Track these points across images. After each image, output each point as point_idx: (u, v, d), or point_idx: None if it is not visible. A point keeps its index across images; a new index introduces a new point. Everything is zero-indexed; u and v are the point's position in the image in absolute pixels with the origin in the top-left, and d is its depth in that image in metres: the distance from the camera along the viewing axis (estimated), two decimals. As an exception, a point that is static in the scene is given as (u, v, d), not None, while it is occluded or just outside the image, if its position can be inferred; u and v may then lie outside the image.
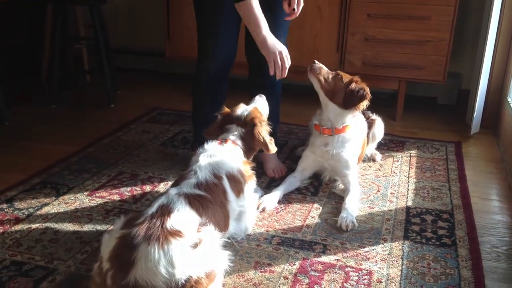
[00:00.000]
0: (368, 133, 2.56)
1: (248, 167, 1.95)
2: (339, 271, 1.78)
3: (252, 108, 2.06)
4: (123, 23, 4.29)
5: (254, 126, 1.97)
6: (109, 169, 2.52)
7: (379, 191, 2.38)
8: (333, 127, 2.28)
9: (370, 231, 2.04)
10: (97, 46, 3.47)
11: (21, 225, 2.01)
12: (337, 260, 1.84)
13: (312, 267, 1.79)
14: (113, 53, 3.85)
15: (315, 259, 1.84)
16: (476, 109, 3.06)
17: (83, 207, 2.17)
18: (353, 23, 3.23)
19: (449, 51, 3.13)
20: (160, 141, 2.92)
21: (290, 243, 1.94)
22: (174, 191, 1.65)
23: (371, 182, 2.48)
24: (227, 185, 1.80)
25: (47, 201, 2.20)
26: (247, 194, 1.92)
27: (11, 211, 2.11)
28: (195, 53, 2.40)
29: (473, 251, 1.91)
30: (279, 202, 2.24)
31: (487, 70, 3.04)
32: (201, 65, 2.40)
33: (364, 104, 2.23)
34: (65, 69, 3.91)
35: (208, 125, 2.09)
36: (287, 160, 2.71)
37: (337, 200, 2.28)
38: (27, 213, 2.09)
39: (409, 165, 2.67)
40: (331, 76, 2.28)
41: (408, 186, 2.44)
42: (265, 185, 2.41)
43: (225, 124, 2.02)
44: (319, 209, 2.21)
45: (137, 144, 2.86)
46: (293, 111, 3.33)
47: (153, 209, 1.53)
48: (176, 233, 1.44)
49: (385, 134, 2.77)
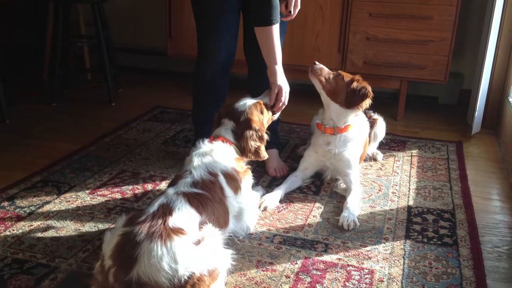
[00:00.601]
0: (369, 133, 2.56)
1: (241, 163, 1.94)
2: (340, 270, 1.78)
3: (252, 103, 2.01)
4: (124, 21, 4.29)
5: (246, 129, 1.95)
6: (110, 168, 2.53)
7: (380, 191, 2.38)
8: (336, 126, 2.28)
9: (371, 230, 2.04)
10: (98, 44, 3.47)
11: (22, 223, 2.01)
12: (339, 259, 1.84)
13: (314, 266, 1.80)
14: (115, 51, 3.85)
15: (317, 258, 1.84)
16: (477, 109, 3.07)
17: (85, 205, 2.17)
18: (355, 23, 3.23)
19: (451, 51, 3.13)
20: (161, 139, 2.92)
21: (292, 242, 1.94)
22: (172, 190, 1.66)
23: (373, 181, 2.48)
24: (223, 181, 1.80)
25: (48, 199, 2.20)
26: (245, 191, 1.91)
27: (13, 209, 2.11)
28: (196, 52, 2.40)
29: (475, 250, 1.91)
30: (281, 201, 2.24)
31: (489, 70, 3.04)
32: (201, 65, 2.39)
33: (366, 102, 2.23)
34: (66, 67, 3.91)
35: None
36: (288, 159, 2.71)
37: (338, 199, 2.28)
38: (28, 211, 2.10)
39: (411, 165, 2.67)
40: (332, 76, 2.28)
41: (409, 185, 2.44)
42: (266, 184, 2.41)
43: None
44: (321, 208, 2.21)
45: (139, 142, 2.86)
46: (294, 110, 3.32)
47: (154, 208, 1.54)
48: (178, 231, 1.45)
49: (387, 133, 2.77)
